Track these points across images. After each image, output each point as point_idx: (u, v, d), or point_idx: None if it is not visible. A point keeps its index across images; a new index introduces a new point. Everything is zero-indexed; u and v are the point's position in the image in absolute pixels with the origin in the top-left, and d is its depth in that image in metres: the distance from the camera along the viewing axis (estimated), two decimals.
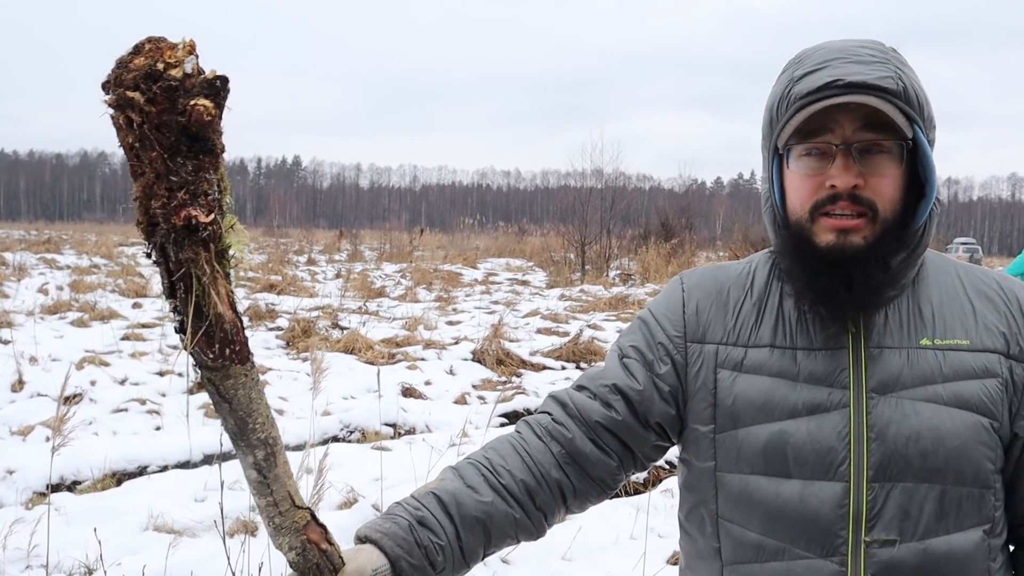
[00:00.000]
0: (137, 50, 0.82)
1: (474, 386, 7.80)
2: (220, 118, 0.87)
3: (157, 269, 0.91)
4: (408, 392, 7.24)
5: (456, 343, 9.51)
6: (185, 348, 0.93)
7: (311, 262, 21.82)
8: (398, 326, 10.73)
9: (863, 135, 1.20)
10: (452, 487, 1.29)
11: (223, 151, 0.89)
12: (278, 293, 13.81)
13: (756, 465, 1.26)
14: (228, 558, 2.58)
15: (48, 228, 39.52)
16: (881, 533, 1.19)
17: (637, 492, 4.90)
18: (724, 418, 1.30)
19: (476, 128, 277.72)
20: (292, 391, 7.09)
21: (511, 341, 9.50)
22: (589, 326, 10.70)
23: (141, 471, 5.01)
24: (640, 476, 5.08)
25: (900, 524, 1.19)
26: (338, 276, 17.42)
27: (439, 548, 1.24)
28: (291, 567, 1.11)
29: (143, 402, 6.48)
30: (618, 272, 21.19)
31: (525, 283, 18.42)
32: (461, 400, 7.24)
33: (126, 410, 6.32)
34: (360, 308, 12.38)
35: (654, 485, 4.94)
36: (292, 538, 1.08)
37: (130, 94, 0.81)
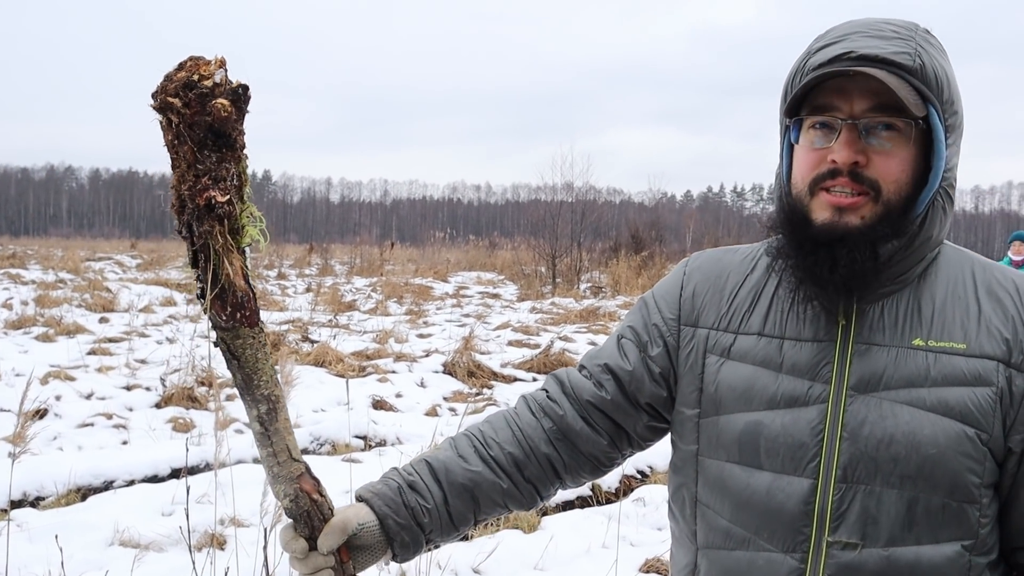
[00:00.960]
0: (180, 67, 1.02)
1: (445, 398, 7.78)
2: (240, 118, 1.03)
3: (184, 243, 1.08)
4: (379, 404, 7.21)
5: (427, 356, 9.48)
6: (203, 310, 1.09)
7: (281, 276, 21.66)
8: (369, 339, 10.68)
9: (872, 112, 1.15)
10: (444, 456, 1.36)
11: (243, 148, 1.05)
12: None
13: (731, 453, 1.24)
14: (194, 567, 2.55)
15: (13, 243, 38.86)
16: (844, 535, 1.15)
17: (609, 501, 4.91)
18: (708, 403, 1.28)
19: (448, 143, 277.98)
20: None
21: (482, 353, 9.50)
22: (560, 338, 10.72)
23: (107, 486, 4.93)
24: (612, 485, 5.09)
25: (864, 528, 1.15)
26: (308, 290, 17.31)
27: (426, 511, 1.31)
28: (285, 513, 1.22)
29: (109, 417, 6.39)
30: (589, 285, 21.25)
31: (496, 296, 18.42)
32: (432, 412, 7.22)
33: (92, 425, 6.24)
34: (330, 321, 12.31)
35: (626, 494, 4.95)
36: (287, 486, 1.19)
37: (171, 99, 1.00)
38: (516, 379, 8.65)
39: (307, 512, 1.21)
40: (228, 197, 1.03)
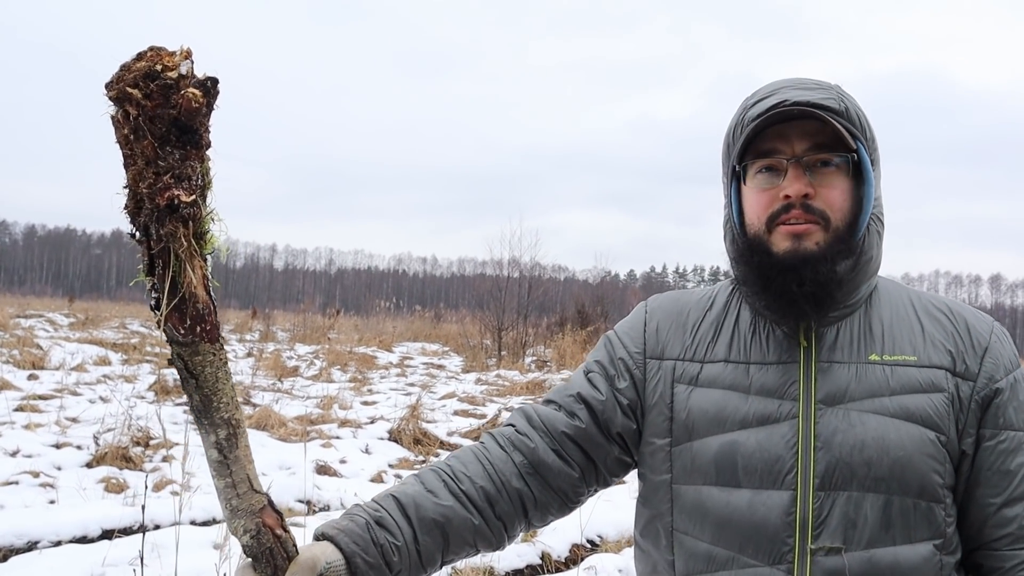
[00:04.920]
0: (139, 56, 0.93)
1: (390, 464, 7.60)
2: (208, 113, 0.95)
3: (139, 248, 0.97)
4: (323, 470, 7.00)
5: (372, 423, 9.30)
6: (158, 324, 0.97)
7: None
8: (312, 404, 10.44)
9: (811, 151, 1.28)
10: (412, 491, 1.32)
11: (209, 146, 0.97)
12: None
13: (708, 475, 1.29)
14: None
15: None
16: (827, 541, 1.20)
17: (559, 570, 4.80)
18: (680, 430, 1.33)
19: (395, 216, 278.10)
20: (201, 467, 6.75)
21: (428, 422, 9.34)
22: (506, 409, 10.63)
23: (31, 546, 4.65)
24: (562, 554, 4.98)
25: (845, 532, 1.21)
26: (249, 355, 16.91)
27: (395, 548, 1.25)
28: (245, 551, 1.12)
29: (36, 475, 6.07)
30: (534, 358, 21.18)
31: (441, 367, 18.23)
32: (377, 478, 7.03)
33: (16, 483, 5.91)
34: (273, 386, 12.03)
35: (576, 563, 4.84)
36: (247, 520, 1.09)
37: (130, 90, 0.91)
38: (462, 447, 8.50)
39: (270, 549, 1.11)
40: (193, 197, 0.94)
